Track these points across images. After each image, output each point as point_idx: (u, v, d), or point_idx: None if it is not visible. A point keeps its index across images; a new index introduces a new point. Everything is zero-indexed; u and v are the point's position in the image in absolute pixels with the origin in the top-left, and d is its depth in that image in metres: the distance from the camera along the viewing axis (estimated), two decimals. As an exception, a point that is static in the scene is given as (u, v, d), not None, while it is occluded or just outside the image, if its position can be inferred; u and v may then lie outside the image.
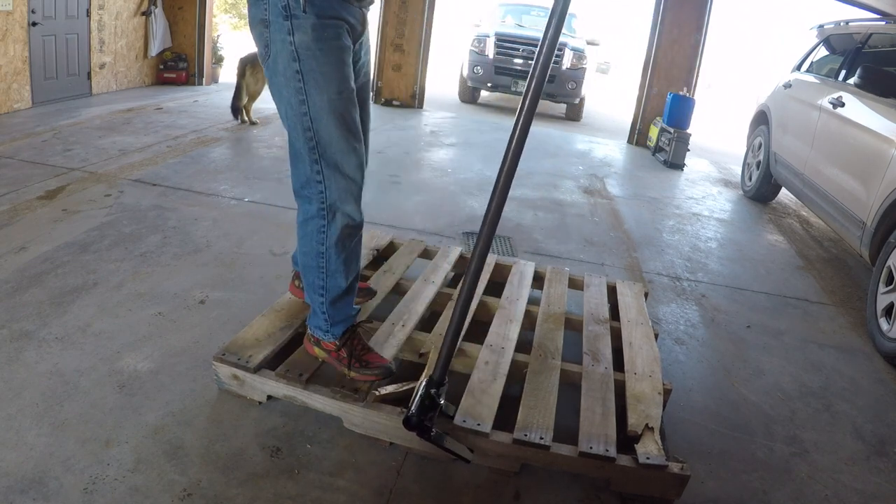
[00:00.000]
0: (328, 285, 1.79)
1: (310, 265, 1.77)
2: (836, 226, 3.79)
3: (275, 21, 1.55)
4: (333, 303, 1.82)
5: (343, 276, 1.78)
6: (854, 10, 6.49)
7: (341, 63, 1.59)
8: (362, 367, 1.86)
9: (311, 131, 1.61)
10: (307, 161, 1.65)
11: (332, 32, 1.57)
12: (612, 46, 15.03)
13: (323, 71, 1.57)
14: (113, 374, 2.01)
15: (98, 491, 1.56)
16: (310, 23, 1.54)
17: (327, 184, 1.65)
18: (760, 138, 5.45)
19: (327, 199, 1.67)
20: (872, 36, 4.30)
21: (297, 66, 1.56)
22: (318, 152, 1.63)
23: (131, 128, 5.14)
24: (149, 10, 6.94)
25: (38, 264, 2.66)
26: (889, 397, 2.56)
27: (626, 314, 2.55)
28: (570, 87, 8.43)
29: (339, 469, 1.74)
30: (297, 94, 1.59)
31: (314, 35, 1.55)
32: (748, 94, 10.91)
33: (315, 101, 1.58)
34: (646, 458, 1.73)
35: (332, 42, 1.57)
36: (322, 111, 1.59)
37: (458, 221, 3.90)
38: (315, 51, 1.56)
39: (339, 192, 1.67)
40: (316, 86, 1.57)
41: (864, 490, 1.97)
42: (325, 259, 1.74)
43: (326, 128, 1.60)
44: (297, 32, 1.54)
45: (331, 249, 1.73)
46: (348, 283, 1.81)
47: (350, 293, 1.84)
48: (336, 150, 1.63)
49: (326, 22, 1.56)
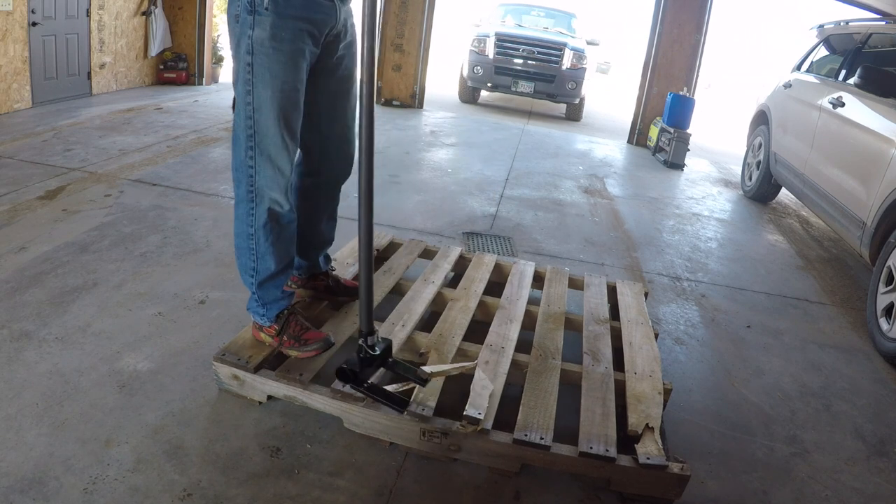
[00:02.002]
0: (258, 267, 1.88)
1: (241, 247, 1.88)
2: (836, 226, 3.79)
3: (242, 16, 1.66)
4: (262, 284, 1.91)
5: (272, 258, 1.87)
6: (854, 10, 6.50)
7: (291, 64, 1.69)
8: (301, 345, 1.95)
9: (252, 120, 1.72)
10: (243, 147, 1.76)
11: (288, 34, 1.66)
12: (612, 46, 15.03)
13: (271, 68, 1.67)
14: (113, 374, 2.01)
15: (98, 491, 1.56)
16: (269, 21, 1.64)
17: (258, 169, 1.75)
18: (760, 138, 5.45)
19: (256, 183, 1.77)
20: (872, 36, 4.30)
21: (249, 59, 1.66)
22: (255, 140, 1.73)
23: (131, 128, 5.14)
24: (149, 10, 6.94)
25: (38, 264, 2.66)
26: (889, 397, 2.56)
27: (627, 314, 2.55)
28: (570, 87, 8.43)
29: (339, 469, 1.74)
30: (245, 84, 1.69)
31: (271, 33, 1.64)
32: (748, 94, 10.90)
33: (259, 94, 1.68)
34: (646, 458, 1.73)
35: (286, 43, 1.66)
36: (264, 104, 1.69)
37: (458, 221, 3.90)
38: (268, 48, 1.65)
39: (267, 179, 1.77)
40: (262, 80, 1.67)
41: (864, 490, 1.97)
42: (254, 241, 1.84)
43: (265, 120, 1.71)
44: (257, 28, 1.64)
45: (259, 231, 1.83)
46: (278, 267, 1.89)
47: (280, 276, 1.92)
48: (270, 143, 1.74)
49: (286, 22, 1.65)
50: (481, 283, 2.67)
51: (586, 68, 8.56)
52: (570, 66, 8.36)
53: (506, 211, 4.22)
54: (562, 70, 8.33)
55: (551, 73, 8.33)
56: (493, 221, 3.99)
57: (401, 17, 7.41)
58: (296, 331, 1.96)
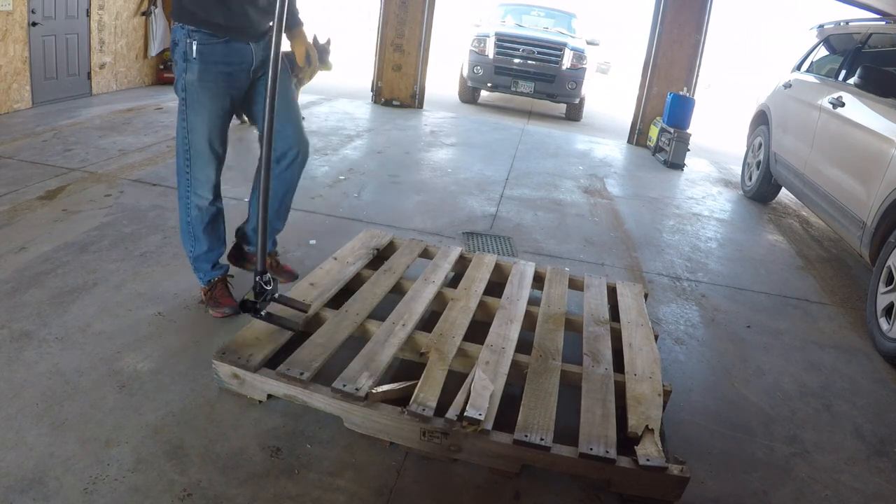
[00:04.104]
0: (194, 247, 2.41)
1: (182, 231, 2.42)
2: (836, 226, 3.79)
3: (178, 61, 2.18)
4: (196, 258, 2.43)
5: (202, 241, 2.39)
6: (854, 10, 6.50)
7: (215, 98, 2.21)
8: (215, 306, 2.44)
9: (187, 140, 2.26)
10: (181, 158, 2.30)
11: (211, 76, 2.17)
12: (612, 46, 15.02)
13: (200, 101, 2.19)
14: (113, 374, 2.01)
15: (98, 491, 1.56)
16: (196, 67, 2.15)
17: (191, 173, 2.29)
18: (760, 138, 5.45)
19: (190, 185, 2.31)
20: (872, 36, 4.30)
21: (183, 95, 2.20)
22: (190, 153, 2.27)
23: (131, 128, 5.14)
24: (149, 10, 6.94)
25: (38, 264, 2.66)
26: (889, 397, 2.56)
27: (627, 315, 2.55)
28: (570, 87, 8.42)
29: (339, 469, 1.74)
30: (181, 112, 2.23)
31: (198, 76, 2.16)
32: (748, 94, 10.90)
33: (191, 120, 2.22)
34: (646, 459, 1.73)
35: (209, 83, 2.18)
36: (195, 128, 2.23)
37: (458, 221, 3.90)
38: (196, 87, 2.18)
39: (195, 182, 2.30)
40: (193, 111, 2.21)
41: (864, 490, 1.97)
42: (190, 227, 2.38)
43: (196, 139, 2.24)
44: (188, 72, 2.16)
45: (193, 220, 2.36)
46: (208, 247, 2.41)
47: (210, 254, 2.42)
48: (198, 156, 2.27)
49: (209, 67, 2.16)
50: (481, 283, 2.67)
51: (586, 68, 8.56)
52: (570, 66, 8.35)
53: (506, 211, 4.22)
54: (562, 70, 8.33)
55: (551, 73, 8.33)
56: (493, 221, 3.99)
57: (401, 17, 7.40)
58: (217, 295, 2.45)
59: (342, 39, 11.31)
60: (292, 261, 2.96)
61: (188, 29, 2.13)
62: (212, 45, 2.15)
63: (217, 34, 2.14)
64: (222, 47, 2.17)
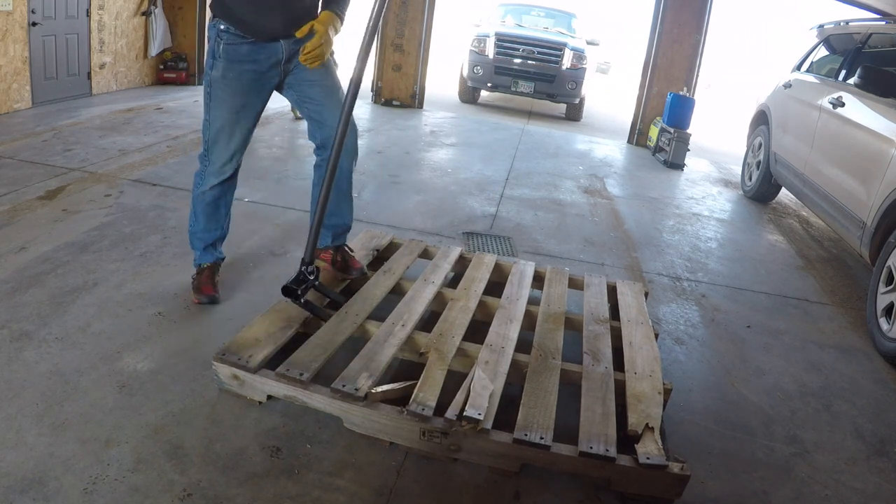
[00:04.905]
0: (193, 223, 2.54)
1: (192, 205, 2.55)
2: (836, 226, 3.79)
3: (208, 58, 2.35)
4: (192, 234, 2.55)
5: (203, 218, 2.51)
6: (854, 10, 6.50)
7: (236, 94, 2.33)
8: (196, 292, 2.51)
9: (208, 129, 2.39)
10: (203, 142, 2.45)
11: (234, 74, 2.30)
12: (612, 46, 15.02)
13: (221, 97, 2.33)
14: (113, 374, 2.01)
15: (98, 491, 1.56)
16: (221, 64, 2.30)
17: (210, 158, 2.43)
18: (760, 138, 5.45)
19: (206, 168, 2.45)
20: (872, 36, 4.30)
21: (208, 90, 2.35)
22: (210, 142, 2.41)
23: (131, 128, 5.14)
24: (149, 10, 6.94)
25: (38, 264, 2.66)
26: (889, 397, 2.56)
27: (627, 314, 2.55)
28: (570, 87, 8.42)
29: (339, 469, 1.74)
30: (206, 105, 2.38)
31: (222, 73, 2.30)
32: (748, 94, 10.90)
33: (213, 113, 2.37)
34: (646, 458, 1.73)
35: (232, 80, 2.31)
36: (216, 120, 2.37)
37: (458, 221, 3.90)
38: (220, 83, 2.32)
39: (212, 164, 2.43)
40: (215, 104, 2.35)
41: (864, 490, 1.97)
42: (194, 205, 2.52)
43: (216, 130, 2.38)
44: (214, 69, 2.31)
45: (197, 197, 2.50)
46: (203, 227, 2.52)
47: (203, 234, 2.53)
48: (217, 145, 2.40)
49: (233, 65, 2.30)
50: (481, 283, 2.67)
51: (586, 68, 8.56)
52: (570, 66, 8.35)
53: (506, 211, 4.22)
54: (562, 70, 8.33)
55: (551, 73, 8.33)
56: (493, 221, 3.99)
57: (401, 17, 7.40)
58: (201, 280, 2.53)
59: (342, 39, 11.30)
60: (294, 260, 2.96)
61: (219, 28, 2.28)
62: (237, 45, 2.28)
63: (245, 35, 2.27)
64: (248, 47, 2.29)
